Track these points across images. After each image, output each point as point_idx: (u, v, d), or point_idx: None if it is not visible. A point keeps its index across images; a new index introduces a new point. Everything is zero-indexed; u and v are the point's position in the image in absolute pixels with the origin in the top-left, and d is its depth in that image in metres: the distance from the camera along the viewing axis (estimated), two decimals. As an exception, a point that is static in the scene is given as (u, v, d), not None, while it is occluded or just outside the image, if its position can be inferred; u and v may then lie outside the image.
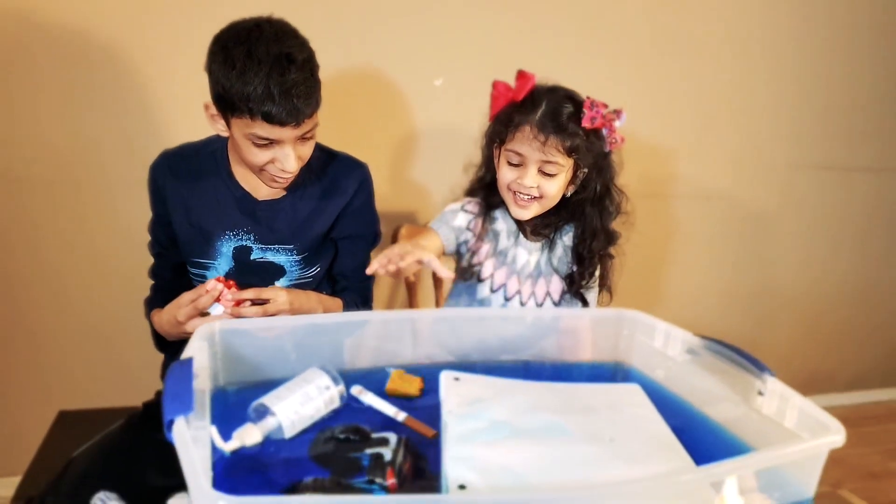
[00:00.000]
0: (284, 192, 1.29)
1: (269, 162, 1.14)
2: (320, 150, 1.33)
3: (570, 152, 1.15)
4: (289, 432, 0.78)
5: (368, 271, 1.01)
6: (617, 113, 1.17)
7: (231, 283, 1.12)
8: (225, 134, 1.17)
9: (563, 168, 1.17)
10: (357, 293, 1.41)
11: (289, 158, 1.12)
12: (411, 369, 0.98)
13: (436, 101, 1.88)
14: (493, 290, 1.28)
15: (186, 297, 1.14)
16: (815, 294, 2.59)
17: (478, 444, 0.79)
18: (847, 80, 2.32)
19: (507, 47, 1.87)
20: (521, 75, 1.20)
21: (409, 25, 1.80)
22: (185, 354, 0.75)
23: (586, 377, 1.01)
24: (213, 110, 1.14)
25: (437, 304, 1.71)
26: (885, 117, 2.41)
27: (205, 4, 1.58)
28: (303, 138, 1.15)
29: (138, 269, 1.38)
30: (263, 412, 0.75)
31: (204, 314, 1.14)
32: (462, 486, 0.70)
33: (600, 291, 1.32)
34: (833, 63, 2.28)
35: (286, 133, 1.09)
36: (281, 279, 1.31)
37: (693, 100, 2.15)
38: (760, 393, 0.79)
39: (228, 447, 0.70)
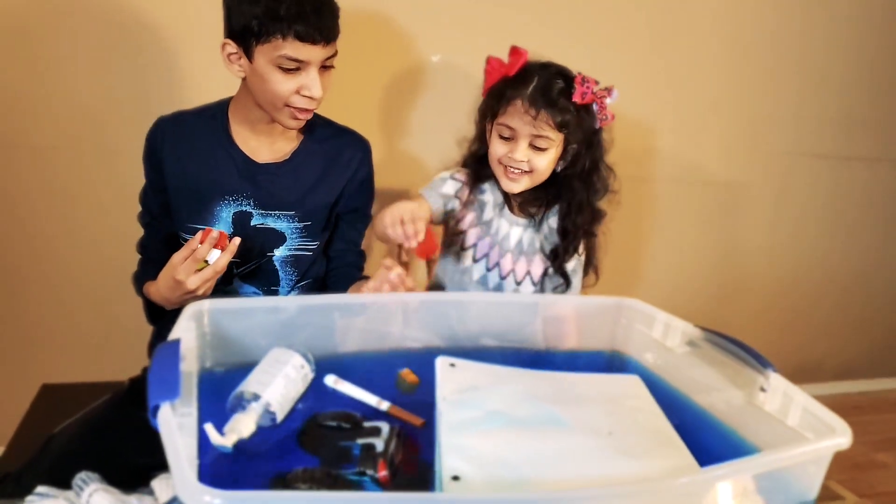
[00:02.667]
0: (287, 157, 1.28)
1: (295, 92, 1.14)
2: (324, 120, 1.33)
3: (560, 127, 1.16)
4: (280, 417, 0.76)
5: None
6: (608, 90, 1.17)
7: (223, 233, 1.10)
8: (242, 75, 1.17)
9: (554, 143, 1.17)
10: (354, 268, 1.41)
11: (315, 83, 1.14)
12: (402, 354, 0.96)
13: (431, 76, 1.84)
14: (475, 260, 1.29)
15: (180, 255, 1.11)
16: (805, 283, 2.59)
17: (473, 434, 0.77)
18: (843, 67, 2.29)
19: (501, 23, 1.84)
20: (514, 51, 1.20)
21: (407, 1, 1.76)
22: (173, 335, 0.72)
23: (583, 365, 1.00)
24: (232, 48, 1.14)
25: (429, 276, 1.71)
26: (880, 107, 2.39)
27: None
28: (325, 67, 1.16)
29: (126, 240, 1.35)
30: (250, 400, 0.73)
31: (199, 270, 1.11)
32: (456, 478, 0.68)
33: (586, 272, 1.33)
34: (829, 50, 2.25)
35: (315, 53, 1.11)
36: (280, 247, 1.29)
37: (685, 85, 2.12)
38: (763, 389, 0.78)
39: (228, 441, 0.67)
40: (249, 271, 1.29)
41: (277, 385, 0.76)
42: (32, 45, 1.53)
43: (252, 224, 1.26)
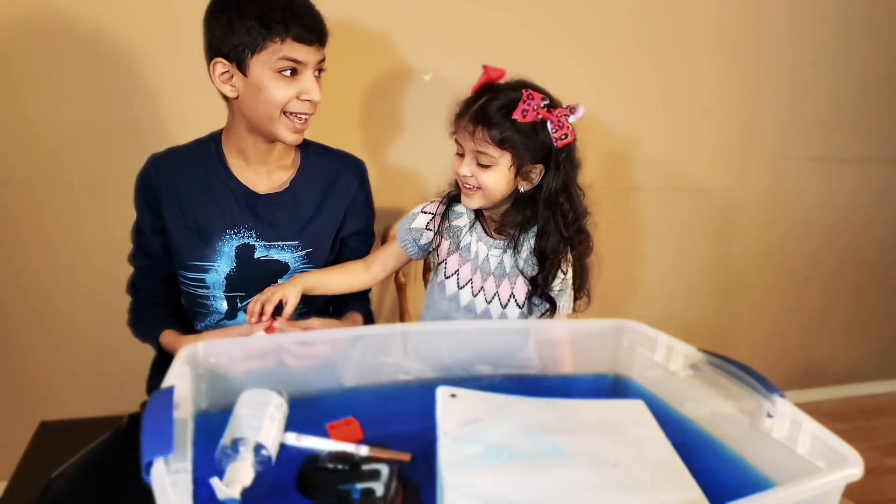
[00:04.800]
0: (286, 185, 1.27)
1: (294, 98, 1.14)
2: (317, 146, 1.33)
3: (500, 144, 1.13)
4: (274, 459, 0.74)
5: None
6: (571, 108, 1.14)
7: (271, 327, 1.12)
8: (233, 94, 1.15)
9: (496, 159, 1.15)
10: (360, 297, 1.41)
11: (314, 85, 1.15)
12: (397, 387, 0.95)
13: (428, 93, 1.84)
14: (460, 287, 1.28)
15: (241, 329, 1.16)
16: (804, 286, 2.58)
17: (474, 471, 0.75)
18: (832, 70, 2.30)
19: (494, 35, 1.85)
20: (484, 70, 1.18)
21: (402, 17, 1.76)
22: (167, 381, 0.71)
23: (585, 390, 0.98)
24: (223, 66, 1.13)
25: (401, 311, 1.71)
26: (871, 107, 2.39)
27: None
28: (318, 72, 1.18)
29: (118, 272, 1.33)
30: (243, 447, 0.71)
31: None
32: (459, 518, 0.66)
33: (578, 297, 1.29)
34: (818, 52, 2.25)
35: (311, 55, 1.14)
36: (284, 277, 1.28)
37: (675, 92, 2.12)
38: (769, 415, 0.76)
39: (235, 492, 0.66)
40: None
41: (268, 427, 0.74)
42: (16, 73, 1.52)
43: (256, 257, 1.25)
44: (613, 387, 0.99)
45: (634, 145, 2.12)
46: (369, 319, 1.40)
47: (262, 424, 0.73)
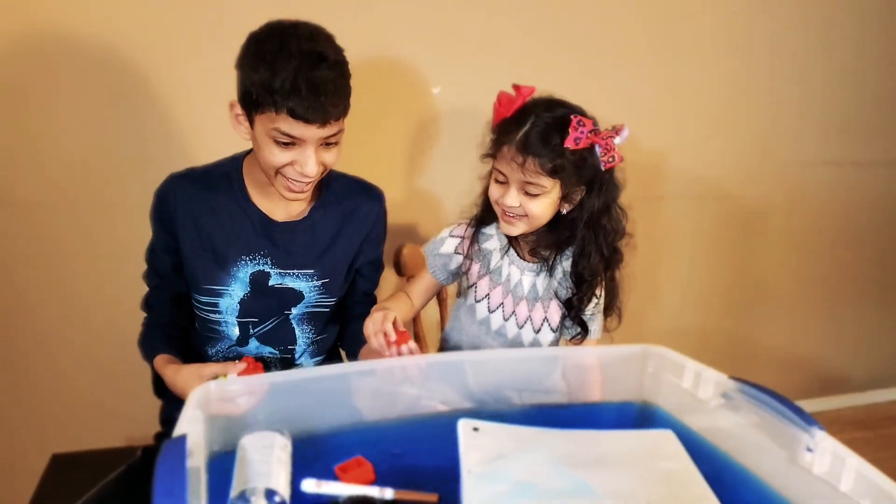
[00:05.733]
0: (304, 214, 1.24)
1: (289, 164, 1.09)
2: (336, 174, 1.29)
3: (552, 173, 1.10)
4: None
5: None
6: (616, 130, 1.11)
7: (259, 365, 1.07)
8: (246, 136, 1.12)
9: (547, 189, 1.11)
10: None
11: (309, 160, 1.08)
12: (419, 419, 0.92)
13: (445, 106, 1.81)
14: (490, 311, 1.25)
15: (212, 369, 1.09)
16: (825, 291, 2.54)
17: (501, 513, 0.72)
18: (845, 72, 2.25)
19: (508, 51, 1.81)
20: (515, 89, 1.15)
21: (417, 32, 1.73)
22: (178, 430, 0.68)
23: (611, 419, 0.95)
24: (238, 109, 1.10)
25: (442, 321, 1.67)
26: (889, 109, 2.34)
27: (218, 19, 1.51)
28: (326, 144, 1.10)
29: (127, 299, 1.32)
30: (256, 496, 0.68)
31: None
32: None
33: (608, 316, 1.27)
34: (831, 55, 2.21)
35: (310, 132, 1.05)
36: (297, 305, 1.25)
37: (689, 96, 2.08)
38: (809, 449, 0.72)
39: None
40: (266, 331, 1.26)
41: (278, 472, 0.71)
42: (19, 92, 1.49)
43: (270, 284, 1.23)
44: (640, 415, 0.96)
45: (649, 155, 2.09)
46: None
47: (270, 469, 0.71)
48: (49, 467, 1.43)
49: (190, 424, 0.70)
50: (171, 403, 1.31)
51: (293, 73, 1.00)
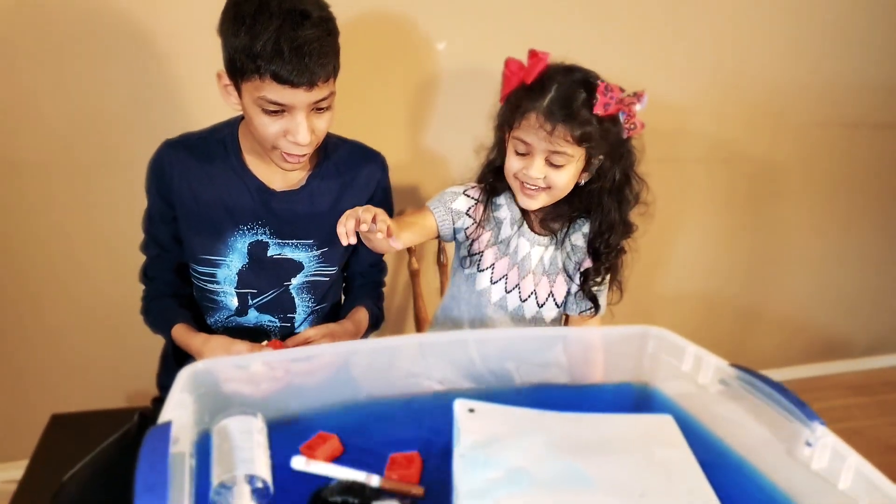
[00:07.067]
0: (303, 183, 1.20)
1: (281, 135, 1.05)
2: (336, 139, 1.25)
3: (580, 141, 1.06)
4: (272, 487, 0.71)
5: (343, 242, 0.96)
6: (637, 96, 1.07)
7: (277, 342, 1.08)
8: (237, 107, 1.08)
9: (573, 158, 1.08)
10: (372, 289, 1.37)
11: (300, 128, 1.03)
12: (416, 398, 0.90)
13: (449, 69, 1.75)
14: (493, 282, 1.22)
15: (244, 346, 1.10)
16: (836, 256, 2.51)
17: (492, 501, 0.71)
18: (867, 33, 2.16)
19: (518, 10, 1.74)
20: (532, 55, 1.10)
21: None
22: (163, 416, 0.67)
23: (610, 400, 0.94)
24: (226, 80, 1.05)
25: (442, 289, 1.65)
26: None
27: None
28: (317, 109, 1.06)
29: (130, 259, 1.29)
30: (239, 483, 0.67)
31: None
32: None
33: (610, 289, 1.25)
34: (853, 16, 2.12)
35: (298, 97, 1.00)
36: (297, 275, 1.23)
37: (702, 59, 2.01)
38: (808, 443, 0.71)
39: None
40: (265, 302, 1.24)
41: (259, 457, 0.70)
42: (23, 54, 1.45)
43: (269, 254, 1.20)
44: (639, 396, 0.95)
45: (659, 116, 2.03)
46: (379, 315, 1.35)
47: (253, 455, 0.70)
48: (48, 427, 1.44)
49: (176, 409, 0.69)
50: (169, 370, 1.31)
51: (274, 34, 0.95)
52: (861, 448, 0.65)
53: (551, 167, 1.09)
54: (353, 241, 0.96)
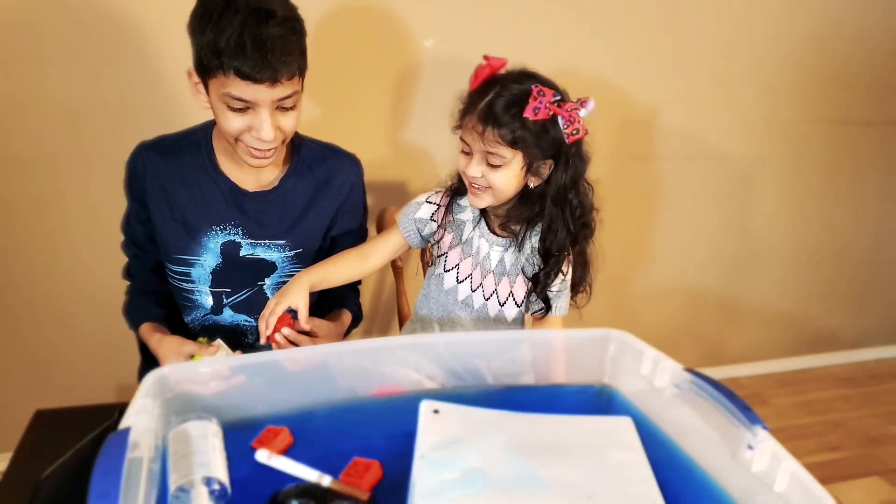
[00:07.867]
0: (275, 184, 1.22)
1: (246, 131, 1.06)
2: (310, 142, 1.27)
3: (512, 144, 1.09)
4: (229, 489, 0.73)
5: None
6: (581, 102, 1.08)
7: (287, 317, 1.10)
8: (206, 106, 1.09)
9: (508, 160, 1.11)
10: (349, 287, 1.39)
11: (264, 125, 1.04)
12: (380, 401, 0.93)
13: (432, 64, 1.77)
14: (459, 281, 1.25)
15: (189, 348, 1.13)
16: (821, 251, 2.53)
17: (447, 501, 0.74)
18: (855, 31, 2.18)
19: (502, 5, 1.75)
20: (486, 61, 1.13)
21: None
22: (124, 422, 0.69)
23: (572, 400, 0.96)
24: (196, 78, 1.07)
25: (398, 293, 1.69)
26: (885, 70, 2.27)
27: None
28: (282, 107, 1.07)
29: (115, 255, 1.32)
30: (197, 486, 0.69)
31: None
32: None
33: (578, 291, 1.28)
34: (842, 11, 2.14)
35: (261, 93, 1.01)
36: (271, 276, 1.25)
37: (691, 55, 2.03)
38: (750, 447, 0.73)
39: None
40: (240, 301, 1.26)
41: (217, 460, 0.73)
42: (3, 45, 1.46)
43: (241, 254, 1.23)
44: (599, 398, 0.97)
45: (649, 112, 2.05)
46: (358, 315, 1.38)
47: (210, 459, 0.72)
48: (32, 423, 1.46)
49: (137, 416, 0.71)
50: (150, 364, 1.33)
51: (238, 29, 0.97)
52: (841, 438, 0.67)
53: (490, 167, 1.12)
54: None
